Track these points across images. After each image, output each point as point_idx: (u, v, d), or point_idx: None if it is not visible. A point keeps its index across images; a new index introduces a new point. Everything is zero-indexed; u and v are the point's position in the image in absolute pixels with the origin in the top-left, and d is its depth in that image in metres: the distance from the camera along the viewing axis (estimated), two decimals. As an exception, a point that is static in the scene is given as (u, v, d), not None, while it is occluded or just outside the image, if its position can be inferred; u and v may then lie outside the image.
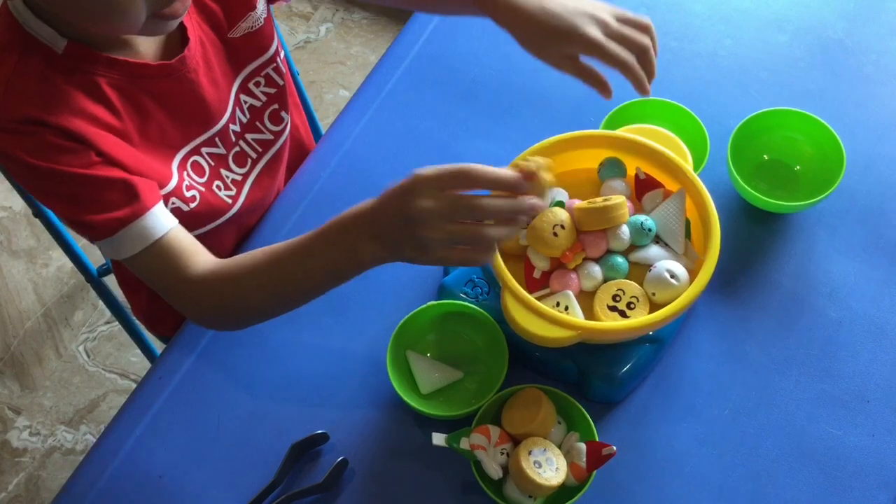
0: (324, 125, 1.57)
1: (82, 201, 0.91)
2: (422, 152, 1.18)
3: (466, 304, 0.99)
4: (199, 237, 1.02)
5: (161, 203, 0.94)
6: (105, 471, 0.98)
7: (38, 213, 1.33)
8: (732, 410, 0.98)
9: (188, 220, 1.01)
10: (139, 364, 1.90)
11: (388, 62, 1.26)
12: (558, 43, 0.93)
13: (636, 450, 0.96)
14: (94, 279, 1.45)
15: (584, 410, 0.93)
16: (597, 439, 0.91)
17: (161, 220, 0.92)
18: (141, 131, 0.96)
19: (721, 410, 0.98)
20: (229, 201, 1.07)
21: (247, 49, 1.06)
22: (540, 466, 0.87)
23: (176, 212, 1.00)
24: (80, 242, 1.45)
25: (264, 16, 1.06)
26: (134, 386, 1.05)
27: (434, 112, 1.22)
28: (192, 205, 1.02)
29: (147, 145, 0.97)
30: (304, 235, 0.88)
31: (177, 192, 0.99)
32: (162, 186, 0.97)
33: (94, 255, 1.49)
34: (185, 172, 1.02)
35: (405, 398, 0.94)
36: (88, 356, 1.94)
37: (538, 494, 0.88)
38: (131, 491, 0.97)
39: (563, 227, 0.92)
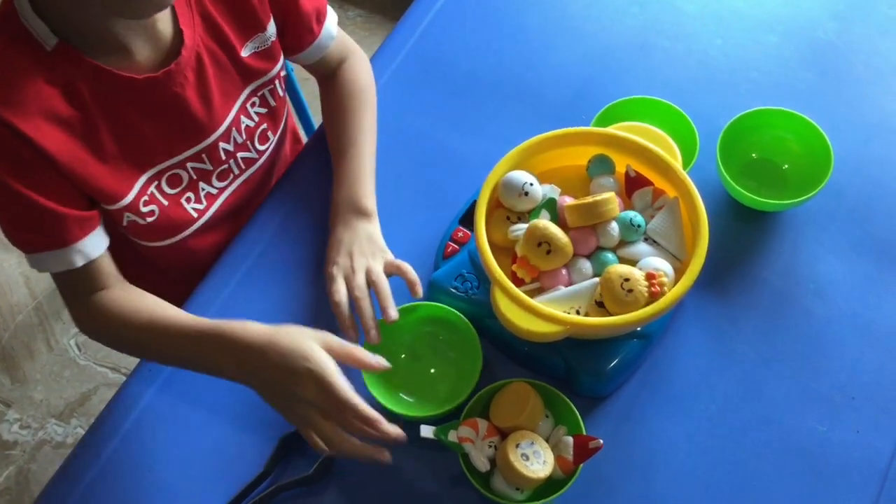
0: (317, 123, 1.57)
1: (15, 216, 0.94)
2: (413, 149, 1.18)
3: (441, 306, 0.99)
4: (163, 248, 1.08)
5: (97, 230, 0.97)
6: (96, 461, 0.98)
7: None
8: (719, 406, 0.98)
9: (146, 231, 1.04)
10: (130, 358, 1.89)
11: (381, 59, 1.26)
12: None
13: (623, 444, 0.96)
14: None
15: (571, 404, 0.93)
16: (584, 429, 0.92)
17: (87, 250, 0.97)
18: (118, 139, 0.96)
19: (708, 406, 0.98)
20: (195, 214, 1.08)
21: (252, 69, 1.06)
22: (527, 459, 0.88)
23: (133, 224, 1.02)
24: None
25: (273, 38, 1.06)
26: (125, 380, 1.05)
27: (426, 109, 1.22)
28: (150, 219, 1.03)
29: (121, 155, 0.97)
30: (189, 322, 0.95)
31: (132, 207, 1.00)
32: (116, 201, 0.98)
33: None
34: (154, 184, 1.02)
35: (379, 399, 0.95)
36: (79, 350, 1.94)
37: (525, 487, 0.89)
38: (122, 481, 0.97)
39: (549, 251, 0.93)
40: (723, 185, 1.08)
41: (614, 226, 0.95)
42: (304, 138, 1.40)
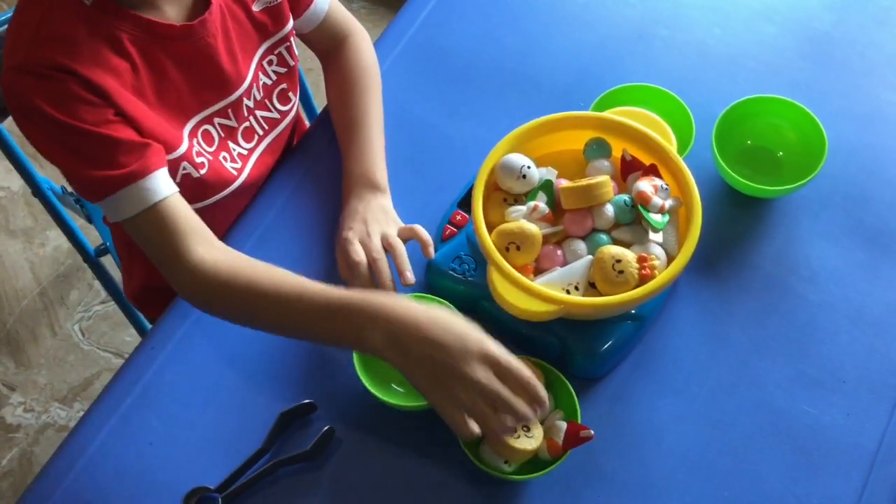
0: (320, 109, 1.59)
1: (89, 157, 0.93)
2: (414, 135, 1.20)
3: (432, 297, 1.00)
4: (208, 207, 1.05)
5: (165, 170, 0.96)
6: (96, 436, 1.00)
7: (36, 193, 1.35)
8: (711, 388, 1.00)
9: (197, 186, 1.03)
10: (133, 343, 1.92)
11: (383, 47, 1.28)
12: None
13: (616, 425, 0.98)
14: (91, 259, 1.47)
15: (570, 386, 0.94)
16: (579, 415, 0.93)
17: (160, 187, 0.94)
18: (158, 92, 0.99)
19: (700, 388, 1.00)
20: (234, 173, 1.09)
21: (265, 24, 1.08)
22: (515, 432, 0.90)
23: (186, 178, 1.02)
24: (79, 222, 1.47)
25: None
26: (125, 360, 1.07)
27: (426, 96, 1.23)
28: (202, 171, 1.04)
29: (162, 107, 0.99)
30: (321, 290, 0.89)
31: (187, 156, 1.02)
32: (172, 150, 0.99)
33: (91, 236, 1.51)
34: (195, 139, 1.04)
35: (371, 389, 0.96)
36: (83, 335, 1.95)
37: (512, 459, 0.90)
38: (122, 456, 0.99)
39: (518, 247, 0.93)
40: (718, 172, 1.09)
41: (609, 208, 0.96)
42: (307, 124, 1.41)
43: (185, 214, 0.96)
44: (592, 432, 0.90)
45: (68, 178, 0.99)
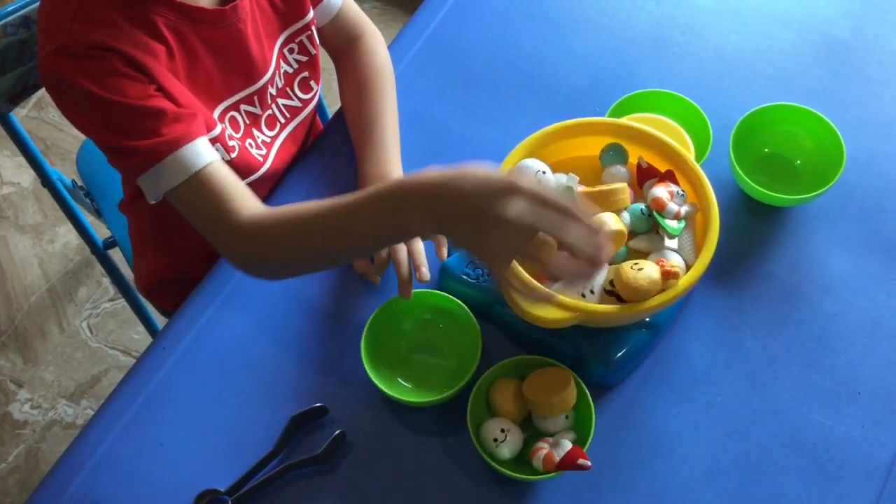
0: (331, 111, 1.59)
1: (131, 130, 0.92)
2: (429, 137, 1.19)
3: (443, 294, 1.00)
4: None
5: (205, 138, 0.96)
6: (107, 436, 0.99)
7: (46, 185, 1.35)
8: (725, 397, 0.99)
9: None
10: (141, 341, 1.92)
11: (398, 49, 1.27)
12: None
13: (629, 432, 0.97)
14: (99, 252, 1.47)
15: (588, 395, 0.94)
16: (594, 421, 0.93)
17: (204, 152, 0.94)
18: (190, 76, 0.99)
19: (714, 397, 0.99)
20: (260, 159, 1.09)
21: (287, 12, 1.09)
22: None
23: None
24: (88, 217, 1.47)
25: None
26: (136, 359, 1.06)
27: (441, 98, 1.23)
28: (233, 154, 1.04)
29: (193, 91, 0.99)
30: (353, 195, 0.87)
31: (221, 139, 1.02)
32: (209, 130, 0.99)
33: (100, 229, 1.51)
34: (224, 125, 1.04)
35: (378, 383, 0.96)
36: (91, 332, 1.95)
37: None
38: (132, 457, 0.98)
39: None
40: (735, 180, 1.08)
41: (625, 215, 0.95)
42: (320, 124, 1.41)
43: (230, 178, 0.95)
44: (590, 464, 0.88)
45: (112, 157, 0.97)
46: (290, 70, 1.13)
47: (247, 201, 0.94)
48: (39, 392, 1.88)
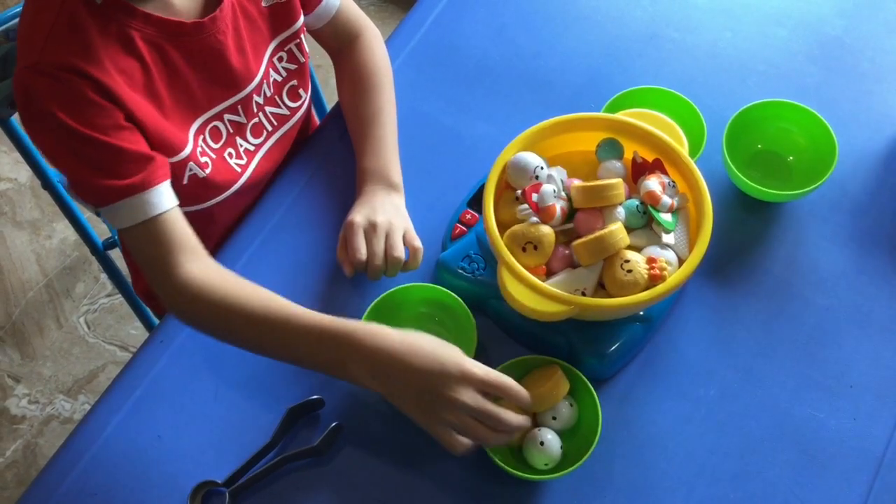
0: (330, 107, 1.59)
1: (94, 165, 0.93)
2: (424, 133, 1.20)
3: (438, 288, 1.01)
4: (216, 206, 1.06)
5: (168, 183, 0.96)
6: (105, 429, 1.00)
7: (46, 185, 1.35)
8: (718, 391, 1.00)
9: (204, 186, 1.04)
10: (139, 336, 1.92)
11: (394, 45, 1.28)
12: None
13: (623, 426, 0.98)
14: (98, 252, 1.47)
15: (589, 385, 0.95)
16: (600, 414, 0.93)
17: (160, 201, 0.95)
18: (169, 89, 0.99)
19: (707, 391, 1.00)
20: (238, 170, 1.09)
21: (275, 20, 1.08)
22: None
23: (193, 178, 1.02)
24: (87, 215, 1.47)
25: None
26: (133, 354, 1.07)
27: (437, 95, 1.24)
28: (206, 171, 1.04)
29: (173, 104, 1.00)
30: (308, 317, 0.92)
31: (192, 157, 1.02)
32: (178, 151, 1.00)
33: (99, 228, 1.51)
34: (201, 137, 1.04)
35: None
36: (89, 328, 1.96)
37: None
38: (130, 450, 0.99)
39: (535, 246, 0.93)
40: (728, 175, 1.09)
41: (620, 210, 0.96)
42: (317, 121, 1.42)
43: (181, 230, 0.96)
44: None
45: (71, 183, 0.99)
46: (279, 78, 1.12)
47: (194, 255, 0.96)
48: (37, 387, 1.89)
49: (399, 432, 0.98)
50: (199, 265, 0.96)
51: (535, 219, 0.95)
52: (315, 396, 0.99)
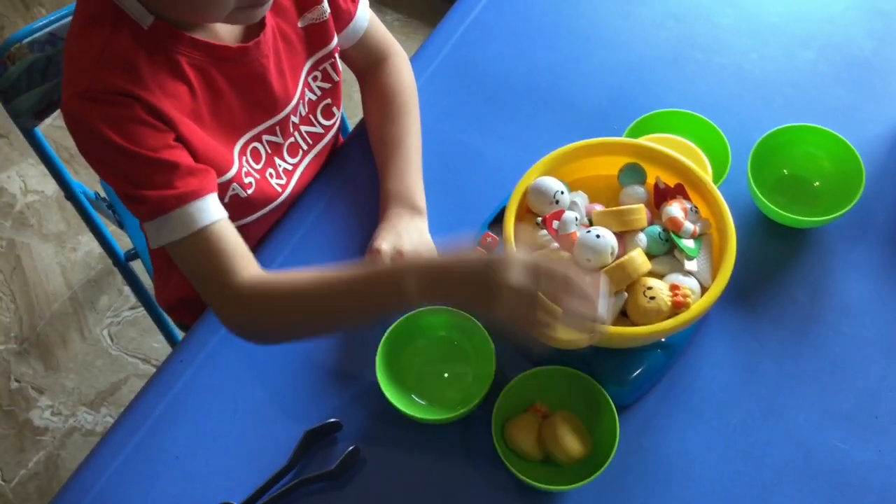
0: (352, 124, 1.60)
1: (144, 180, 0.93)
2: (445, 153, 1.20)
3: (459, 312, 1.00)
4: (251, 223, 1.07)
5: (215, 195, 0.96)
6: (124, 448, 1.00)
7: (69, 196, 1.37)
8: (741, 420, 0.99)
9: (244, 205, 1.05)
10: (161, 350, 1.93)
11: (418, 63, 1.28)
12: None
13: (644, 453, 0.97)
14: (121, 264, 1.48)
15: (612, 405, 0.94)
16: (618, 433, 0.92)
17: (212, 210, 0.95)
18: (213, 112, 1.00)
19: (730, 419, 0.99)
20: (279, 189, 1.10)
21: (311, 41, 1.09)
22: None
23: (234, 198, 1.03)
24: (110, 228, 1.48)
25: (328, 12, 1.09)
26: (155, 371, 1.07)
27: (459, 114, 1.24)
28: (249, 191, 1.05)
29: (216, 127, 1.00)
30: (356, 268, 0.92)
31: (237, 178, 1.03)
32: (224, 172, 1.00)
33: (122, 241, 1.52)
34: (244, 158, 1.05)
35: (392, 400, 0.96)
36: (112, 340, 1.97)
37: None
38: (148, 469, 0.99)
39: None
40: (753, 201, 1.08)
41: (642, 237, 0.95)
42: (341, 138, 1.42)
43: (234, 237, 0.96)
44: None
45: (122, 198, 0.98)
46: (313, 97, 1.13)
47: (247, 264, 0.95)
48: (60, 399, 1.90)
49: (417, 456, 0.97)
50: (253, 269, 0.96)
51: (555, 244, 0.95)
52: (333, 419, 0.98)
